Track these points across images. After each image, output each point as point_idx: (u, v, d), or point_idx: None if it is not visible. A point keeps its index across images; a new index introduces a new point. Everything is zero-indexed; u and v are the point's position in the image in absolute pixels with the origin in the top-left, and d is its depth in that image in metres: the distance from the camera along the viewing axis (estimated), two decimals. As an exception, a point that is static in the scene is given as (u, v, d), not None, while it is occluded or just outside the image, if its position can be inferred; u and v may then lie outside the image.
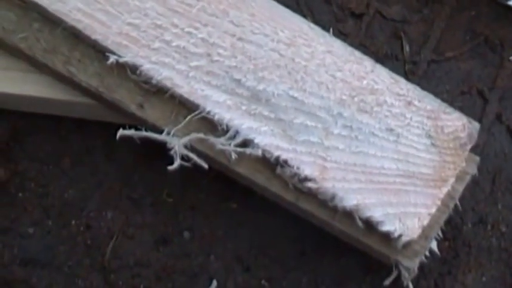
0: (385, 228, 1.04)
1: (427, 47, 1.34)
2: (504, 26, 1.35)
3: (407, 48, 1.33)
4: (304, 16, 1.27)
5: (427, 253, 1.07)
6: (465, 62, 1.33)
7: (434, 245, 1.09)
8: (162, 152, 1.08)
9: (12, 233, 1.14)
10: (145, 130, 1.08)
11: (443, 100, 1.23)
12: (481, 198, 1.22)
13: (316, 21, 1.29)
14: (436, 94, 1.23)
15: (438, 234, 1.09)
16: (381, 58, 1.31)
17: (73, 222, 1.16)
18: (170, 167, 1.04)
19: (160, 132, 1.08)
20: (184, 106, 1.09)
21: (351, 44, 1.25)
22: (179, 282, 1.13)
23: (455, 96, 1.30)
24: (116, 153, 1.20)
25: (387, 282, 1.07)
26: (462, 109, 1.24)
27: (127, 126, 1.09)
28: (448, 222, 1.13)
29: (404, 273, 1.05)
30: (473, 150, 1.18)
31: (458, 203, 1.12)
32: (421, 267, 1.10)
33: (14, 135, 1.20)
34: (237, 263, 1.15)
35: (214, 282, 1.13)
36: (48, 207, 1.16)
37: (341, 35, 1.31)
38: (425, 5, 1.37)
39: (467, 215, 1.21)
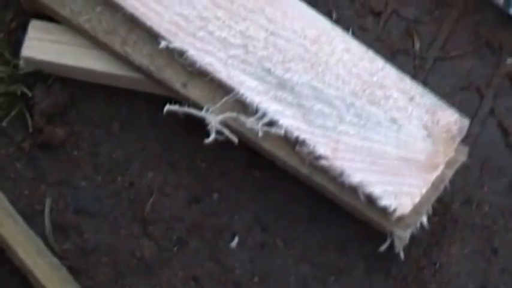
0: (383, 202, 1.13)
1: (435, 45, 1.37)
2: (504, 32, 1.37)
3: (417, 45, 1.37)
4: (330, 11, 1.34)
5: (419, 226, 1.16)
6: (467, 61, 1.36)
7: (424, 219, 1.16)
8: (198, 123, 1.17)
9: (67, 185, 1.24)
10: (188, 106, 1.17)
11: (446, 93, 1.30)
12: (470, 181, 1.28)
13: (340, 16, 1.35)
14: (440, 88, 1.31)
15: (428, 211, 1.17)
16: (394, 52, 1.35)
17: (119, 179, 1.25)
18: (206, 140, 1.13)
19: (200, 108, 1.17)
20: (221, 88, 1.18)
21: (369, 39, 1.32)
22: (207, 236, 1.22)
23: (456, 90, 1.34)
24: (159, 122, 1.27)
25: (382, 248, 1.17)
26: (461, 102, 1.31)
27: (172, 101, 1.18)
28: (440, 200, 1.20)
29: (397, 242, 1.15)
30: (466, 140, 1.24)
31: (448, 184, 1.19)
32: (413, 237, 1.17)
33: (71, 100, 1.29)
34: (257, 223, 1.24)
35: (236, 239, 1.22)
36: (98, 164, 1.26)
37: (361, 29, 1.35)
38: (436, 8, 1.38)
39: (456, 195, 1.27)
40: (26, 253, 1.14)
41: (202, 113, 1.16)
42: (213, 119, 1.15)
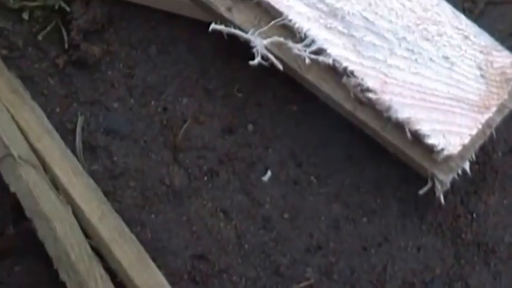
0: (430, 141, 1.10)
1: (488, -12, 1.36)
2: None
3: (469, -14, 1.35)
4: None
5: (459, 172, 1.14)
6: (519, 8, 1.33)
7: (466, 166, 1.15)
8: (238, 51, 1.15)
9: (99, 105, 1.23)
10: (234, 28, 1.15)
11: (495, 39, 1.27)
12: (513, 131, 1.26)
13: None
14: (489, 33, 1.28)
15: (472, 157, 1.15)
16: (444, -7, 1.32)
17: (152, 103, 1.24)
18: (251, 62, 1.11)
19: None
20: (268, 13, 1.16)
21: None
22: (238, 168, 1.21)
23: (505, 36, 1.32)
24: (198, 48, 1.27)
25: (422, 192, 1.15)
26: (510, 49, 1.28)
27: (218, 22, 1.16)
28: (481, 148, 1.19)
29: (438, 186, 1.13)
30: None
31: (493, 132, 1.18)
32: (452, 184, 1.15)
33: (110, 19, 1.28)
34: (291, 158, 1.23)
35: (269, 172, 1.21)
36: (132, 87, 1.25)
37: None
38: None
39: (499, 145, 1.25)
40: (62, 171, 1.12)
41: (248, 35, 1.13)
42: (259, 42, 1.12)
